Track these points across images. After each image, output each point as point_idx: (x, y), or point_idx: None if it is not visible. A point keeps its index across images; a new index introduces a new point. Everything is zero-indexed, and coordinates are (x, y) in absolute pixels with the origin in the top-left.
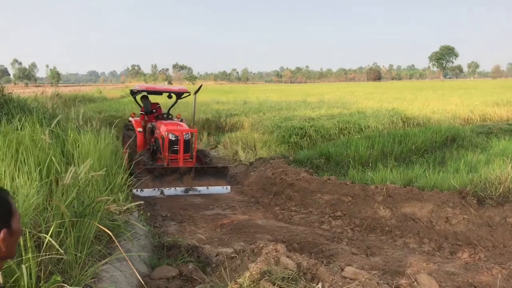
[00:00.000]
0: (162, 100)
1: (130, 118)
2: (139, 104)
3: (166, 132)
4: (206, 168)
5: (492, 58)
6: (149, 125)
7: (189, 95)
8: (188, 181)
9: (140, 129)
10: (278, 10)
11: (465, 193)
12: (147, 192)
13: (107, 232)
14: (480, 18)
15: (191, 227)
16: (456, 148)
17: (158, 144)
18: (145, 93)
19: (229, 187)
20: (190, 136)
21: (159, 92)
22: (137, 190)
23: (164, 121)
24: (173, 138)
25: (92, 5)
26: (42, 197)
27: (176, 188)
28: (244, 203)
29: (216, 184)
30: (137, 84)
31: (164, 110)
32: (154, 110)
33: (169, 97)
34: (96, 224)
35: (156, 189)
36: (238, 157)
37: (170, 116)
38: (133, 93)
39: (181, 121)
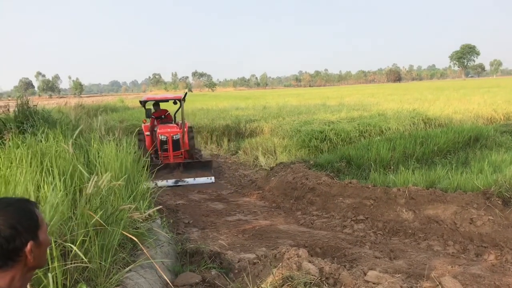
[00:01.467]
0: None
1: (142, 124)
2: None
3: (159, 134)
4: (193, 163)
5: None
6: (155, 128)
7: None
8: (178, 174)
9: (148, 133)
10: (296, 14)
11: (489, 194)
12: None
13: (131, 240)
14: (501, 15)
15: (213, 233)
16: (480, 148)
17: (156, 144)
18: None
19: (213, 177)
20: (179, 136)
21: (160, 100)
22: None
23: (161, 125)
24: (163, 139)
25: (113, 16)
26: (67, 207)
27: (168, 180)
28: (265, 208)
29: (202, 176)
30: (145, 96)
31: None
32: (163, 116)
33: (175, 103)
34: (122, 231)
35: (151, 181)
36: (258, 162)
37: (171, 121)
38: (142, 102)
39: (177, 123)
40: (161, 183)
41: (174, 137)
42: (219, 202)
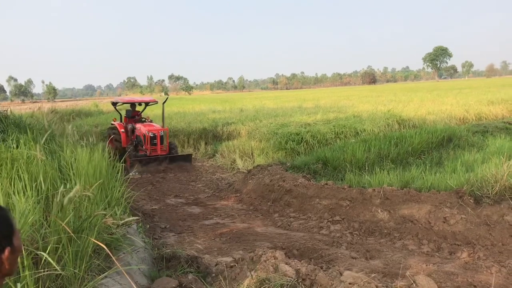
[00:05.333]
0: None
1: (113, 122)
2: (119, 112)
3: (147, 131)
4: (177, 156)
5: (486, 57)
6: (129, 126)
7: (157, 103)
8: (165, 164)
9: (123, 130)
10: (272, 17)
11: (462, 193)
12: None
13: (106, 245)
14: (473, 17)
15: (190, 237)
16: (453, 148)
17: (140, 139)
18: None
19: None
20: (163, 133)
21: (134, 102)
22: (133, 173)
23: (141, 124)
24: (152, 135)
25: (86, 20)
26: (38, 214)
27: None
28: (243, 211)
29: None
30: (117, 97)
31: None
32: (136, 116)
33: (139, 104)
34: (91, 239)
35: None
36: (236, 165)
37: (143, 119)
38: (114, 104)
39: (151, 121)
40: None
41: (161, 133)
42: (196, 206)
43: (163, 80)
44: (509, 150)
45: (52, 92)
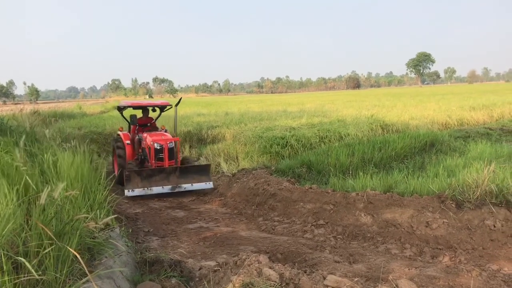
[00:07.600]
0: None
1: (119, 132)
2: (126, 119)
3: (152, 142)
4: (190, 167)
5: (468, 63)
6: (136, 137)
7: (171, 107)
8: (174, 179)
9: (128, 142)
10: (258, 21)
11: (444, 197)
12: (138, 191)
13: (88, 249)
14: (456, 24)
15: (173, 241)
16: (435, 153)
17: (145, 153)
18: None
19: (211, 182)
20: (173, 145)
21: (144, 107)
22: (128, 191)
23: (149, 133)
24: (158, 147)
25: (69, 20)
26: (19, 218)
27: (164, 186)
28: (227, 215)
29: (200, 181)
30: (123, 100)
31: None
32: (149, 124)
33: (153, 110)
34: (69, 248)
35: (146, 188)
36: (220, 169)
37: (156, 129)
38: (120, 109)
39: (165, 131)
40: (156, 189)
41: (170, 144)
42: (180, 209)
43: (148, 83)
44: (490, 155)
45: (34, 94)
